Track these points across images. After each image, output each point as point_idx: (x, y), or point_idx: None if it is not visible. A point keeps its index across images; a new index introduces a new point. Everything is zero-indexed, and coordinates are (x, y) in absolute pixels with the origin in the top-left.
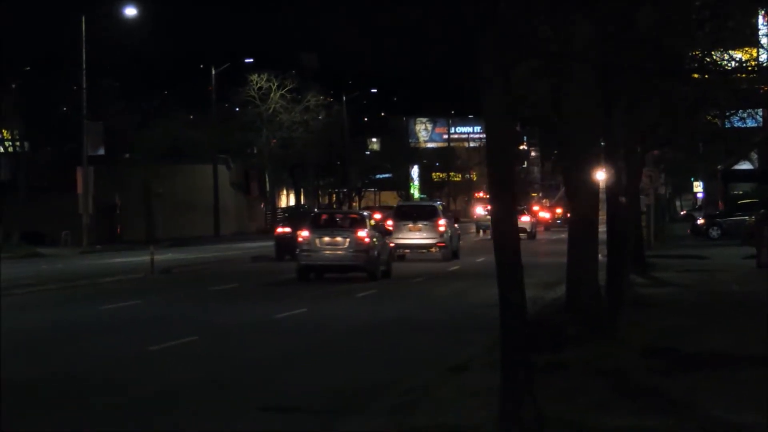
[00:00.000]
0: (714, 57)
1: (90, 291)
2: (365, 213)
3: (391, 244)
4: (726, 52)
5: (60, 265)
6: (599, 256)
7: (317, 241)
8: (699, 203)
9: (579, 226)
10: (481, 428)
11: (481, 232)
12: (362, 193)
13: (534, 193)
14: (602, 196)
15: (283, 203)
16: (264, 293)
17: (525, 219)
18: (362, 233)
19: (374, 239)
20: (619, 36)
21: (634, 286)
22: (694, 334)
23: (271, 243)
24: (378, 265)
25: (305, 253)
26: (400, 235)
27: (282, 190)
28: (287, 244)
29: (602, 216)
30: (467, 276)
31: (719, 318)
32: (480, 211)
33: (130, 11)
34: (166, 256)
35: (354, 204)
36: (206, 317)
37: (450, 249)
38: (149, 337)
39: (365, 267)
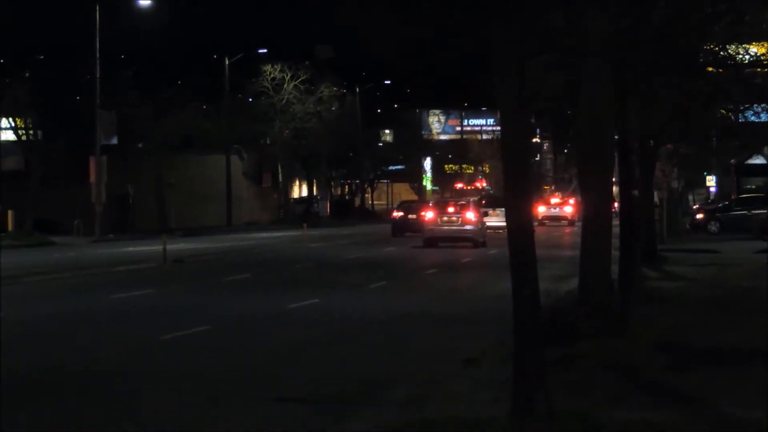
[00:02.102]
0: (729, 51)
1: (102, 280)
2: (471, 200)
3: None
4: (741, 47)
5: (72, 253)
6: (612, 249)
7: (438, 219)
8: (711, 197)
9: (592, 219)
10: (493, 421)
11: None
12: (375, 185)
13: (546, 185)
14: (615, 189)
15: (295, 194)
16: (276, 283)
17: (567, 209)
18: (469, 214)
19: (476, 219)
20: (634, 30)
21: (647, 280)
22: (705, 329)
23: (281, 234)
24: (479, 237)
25: (429, 229)
26: (485, 219)
27: (295, 180)
28: (400, 224)
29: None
30: (480, 268)
31: (731, 313)
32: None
33: (144, 1)
34: (178, 246)
35: (366, 195)
36: (219, 307)
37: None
38: (161, 327)
39: (471, 238)
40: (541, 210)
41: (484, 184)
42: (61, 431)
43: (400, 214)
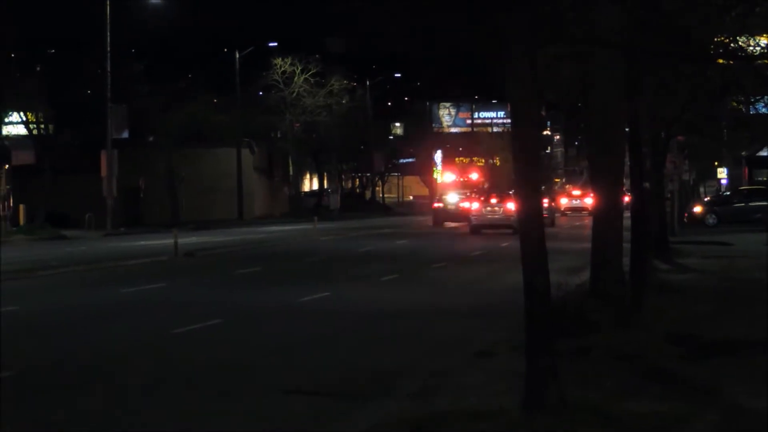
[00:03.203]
0: (740, 42)
1: (113, 274)
2: (510, 192)
3: None
4: (752, 38)
5: (84, 247)
6: (623, 242)
7: (482, 210)
8: (723, 189)
9: (603, 211)
10: (506, 412)
11: None
12: (386, 178)
13: (557, 178)
14: (626, 181)
15: (306, 187)
16: (287, 276)
17: (588, 201)
18: (509, 205)
19: (515, 209)
20: (645, 21)
21: (658, 272)
22: (716, 321)
23: (292, 227)
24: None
25: (475, 217)
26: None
27: (305, 174)
28: (442, 214)
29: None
30: (491, 261)
31: (742, 305)
32: None
33: None
34: (189, 240)
35: (377, 189)
36: (230, 300)
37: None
38: (173, 320)
39: (511, 225)
40: (563, 202)
41: (475, 176)
42: (70, 423)
43: (441, 205)
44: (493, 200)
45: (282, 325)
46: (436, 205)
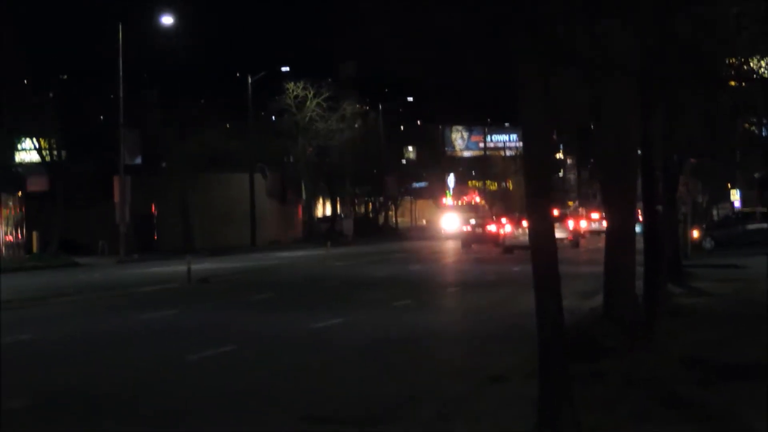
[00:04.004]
0: (752, 64)
1: (127, 300)
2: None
3: None
4: (764, 60)
5: (97, 274)
6: (636, 265)
7: (515, 232)
8: (735, 212)
9: (616, 234)
10: None
11: None
12: (398, 202)
13: (571, 201)
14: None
15: (319, 212)
16: (300, 302)
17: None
18: None
19: None
20: (658, 44)
21: (671, 296)
22: (731, 345)
23: (305, 252)
24: None
25: (509, 239)
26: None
27: (318, 198)
28: (470, 238)
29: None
30: (504, 285)
31: (757, 329)
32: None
33: (167, 20)
34: (203, 266)
35: (390, 213)
36: (243, 327)
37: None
38: (186, 347)
39: None
40: (582, 224)
41: (477, 199)
42: None
43: (469, 228)
44: (525, 223)
45: (295, 352)
46: (464, 228)
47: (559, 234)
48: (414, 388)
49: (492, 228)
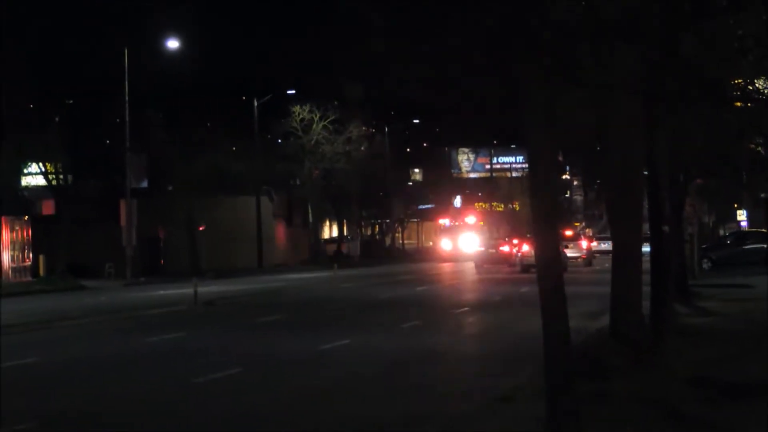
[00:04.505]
0: (758, 85)
1: (133, 323)
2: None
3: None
4: None
5: (104, 297)
6: (643, 285)
7: (532, 252)
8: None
9: (622, 255)
10: None
11: None
12: (405, 224)
13: (577, 222)
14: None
15: (326, 234)
16: (307, 324)
17: None
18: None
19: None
20: (663, 64)
21: (678, 316)
22: (738, 364)
23: (312, 275)
24: (566, 264)
25: (526, 258)
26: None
27: (325, 221)
28: (483, 259)
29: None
30: (510, 306)
31: (763, 348)
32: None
33: (173, 43)
34: (209, 288)
35: (396, 235)
36: (250, 349)
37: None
38: (193, 369)
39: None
40: (594, 245)
41: (473, 219)
42: None
43: (482, 249)
44: None
45: (302, 373)
46: (478, 250)
47: (573, 253)
48: (422, 408)
49: (505, 248)
